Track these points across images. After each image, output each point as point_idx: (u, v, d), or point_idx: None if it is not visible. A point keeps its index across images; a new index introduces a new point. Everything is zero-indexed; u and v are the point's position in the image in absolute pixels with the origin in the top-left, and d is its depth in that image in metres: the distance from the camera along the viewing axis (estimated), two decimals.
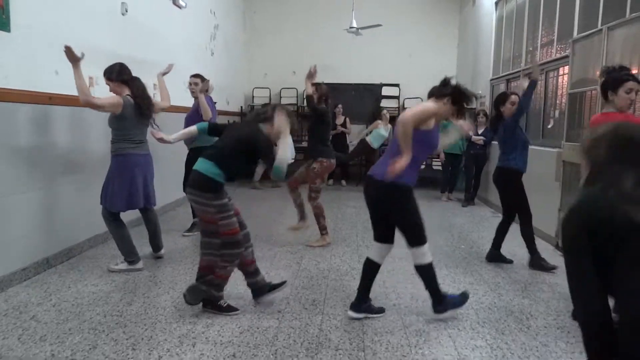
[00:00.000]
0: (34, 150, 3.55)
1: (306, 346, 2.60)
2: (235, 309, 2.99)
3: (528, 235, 4.11)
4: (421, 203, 2.95)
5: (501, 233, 4.23)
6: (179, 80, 5.39)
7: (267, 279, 3.63)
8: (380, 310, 3.04)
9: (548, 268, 4.00)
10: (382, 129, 8.12)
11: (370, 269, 3.00)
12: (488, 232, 5.11)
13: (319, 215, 4.62)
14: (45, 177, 3.68)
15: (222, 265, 2.92)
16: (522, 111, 4.02)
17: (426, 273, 2.90)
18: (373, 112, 8.99)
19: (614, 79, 2.93)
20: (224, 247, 2.91)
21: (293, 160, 7.87)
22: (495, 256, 4.23)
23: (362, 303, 2.98)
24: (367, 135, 8.28)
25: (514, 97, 4.04)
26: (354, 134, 9.05)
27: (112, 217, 3.70)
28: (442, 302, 2.93)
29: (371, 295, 3.32)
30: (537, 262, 4.06)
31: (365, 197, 2.94)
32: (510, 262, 4.16)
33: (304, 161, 4.88)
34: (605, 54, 4.00)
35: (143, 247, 4.08)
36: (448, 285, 3.55)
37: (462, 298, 3.04)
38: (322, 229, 4.67)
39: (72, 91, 3.92)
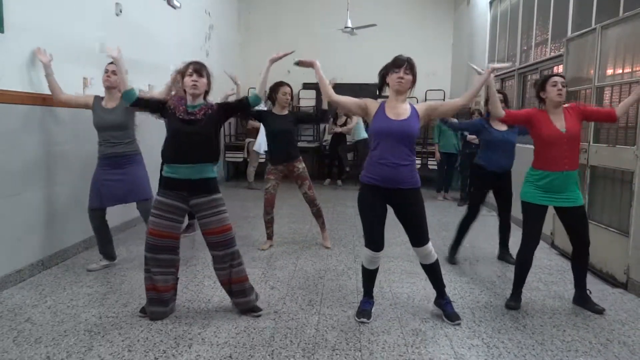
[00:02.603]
0: (27, 151, 3.53)
1: (303, 346, 2.60)
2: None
3: (464, 229, 4.21)
4: None
5: (501, 231, 4.32)
6: None
7: (264, 279, 3.64)
8: None
9: (451, 260, 4.21)
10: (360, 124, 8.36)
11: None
12: (484, 231, 5.12)
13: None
14: (39, 179, 3.66)
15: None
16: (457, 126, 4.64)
17: (362, 270, 3.07)
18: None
19: (540, 81, 3.18)
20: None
21: (263, 159, 7.95)
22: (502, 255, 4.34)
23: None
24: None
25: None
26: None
27: None
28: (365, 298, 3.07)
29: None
30: (451, 256, 4.25)
31: None
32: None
33: (277, 170, 4.38)
34: (599, 52, 4.02)
35: (139, 246, 4.06)
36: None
37: (365, 312, 2.99)
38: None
39: (66, 92, 3.91)
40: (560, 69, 5.10)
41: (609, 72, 3.96)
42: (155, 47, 5.69)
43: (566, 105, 3.17)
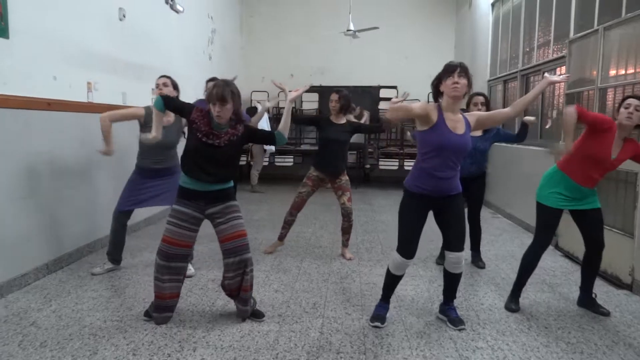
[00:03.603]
0: (33, 155, 3.54)
1: (307, 350, 2.60)
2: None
3: None
4: None
5: (471, 235, 4.24)
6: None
7: (268, 282, 3.65)
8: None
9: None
10: None
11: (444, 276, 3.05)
12: (487, 233, 5.12)
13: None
14: (44, 183, 3.68)
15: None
16: None
17: (386, 274, 3.04)
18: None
19: (621, 100, 3.04)
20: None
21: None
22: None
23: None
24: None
25: (476, 98, 4.00)
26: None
27: None
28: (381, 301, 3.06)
29: (370, 297, 3.34)
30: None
31: None
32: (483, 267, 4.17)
33: (319, 178, 4.30)
34: (601, 54, 4.02)
35: (142, 252, 4.06)
36: None
37: (379, 317, 2.97)
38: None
39: (71, 97, 3.94)
40: (563, 70, 5.10)
41: (612, 73, 3.96)
42: (159, 51, 5.72)
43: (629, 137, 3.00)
